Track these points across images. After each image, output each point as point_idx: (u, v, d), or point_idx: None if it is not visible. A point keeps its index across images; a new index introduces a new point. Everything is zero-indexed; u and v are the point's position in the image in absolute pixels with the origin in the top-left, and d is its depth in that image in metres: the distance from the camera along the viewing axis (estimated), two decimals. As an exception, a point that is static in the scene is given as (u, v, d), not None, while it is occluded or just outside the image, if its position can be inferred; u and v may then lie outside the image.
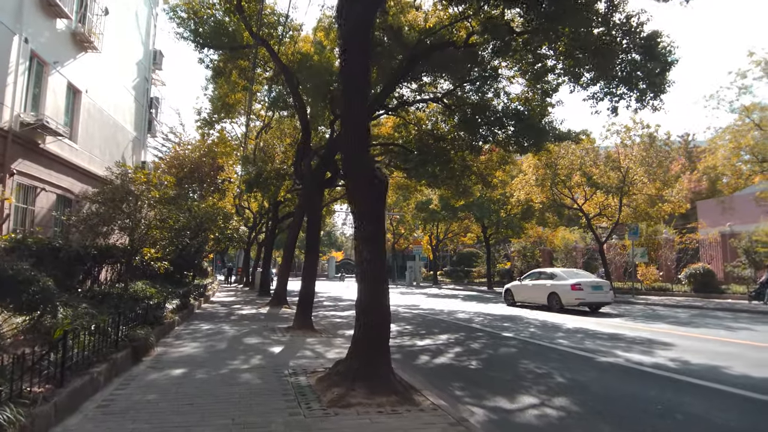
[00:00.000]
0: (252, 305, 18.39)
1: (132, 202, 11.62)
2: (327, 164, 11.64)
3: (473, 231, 44.30)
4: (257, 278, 28.06)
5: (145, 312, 8.67)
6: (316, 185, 11.08)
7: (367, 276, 5.69)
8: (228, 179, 29.74)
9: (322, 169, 11.35)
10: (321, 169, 11.30)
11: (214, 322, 12.33)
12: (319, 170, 11.21)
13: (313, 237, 11.04)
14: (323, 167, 11.44)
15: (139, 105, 19.79)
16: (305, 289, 10.99)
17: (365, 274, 5.70)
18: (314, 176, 11.19)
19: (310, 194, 11.14)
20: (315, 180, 11.13)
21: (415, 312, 17.77)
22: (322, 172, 11.26)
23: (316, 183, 11.10)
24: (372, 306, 5.70)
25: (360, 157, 5.73)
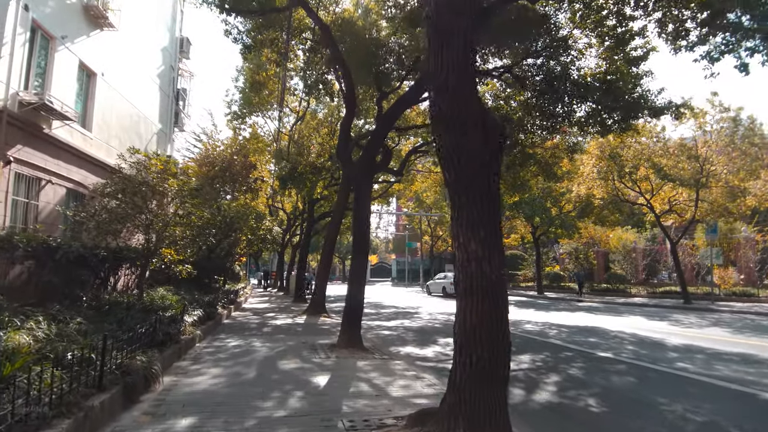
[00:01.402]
0: (287, 313, 16.45)
1: (147, 193, 9.78)
2: (375, 146, 9.53)
3: (519, 231, 41.44)
4: (292, 283, 26.26)
5: (152, 329, 6.69)
6: (365, 169, 8.99)
7: (477, 284, 3.49)
8: (261, 178, 28.14)
9: (371, 151, 9.26)
10: (370, 150, 9.21)
11: (244, 336, 10.35)
12: (368, 152, 9.12)
13: (361, 234, 8.94)
14: (372, 149, 9.34)
15: (164, 95, 18.21)
16: (353, 298, 8.88)
17: (473, 280, 3.51)
18: (363, 158, 9.09)
19: (358, 181, 9.04)
20: (364, 163, 9.04)
21: (472, 322, 15.41)
22: (371, 154, 9.17)
23: (365, 166, 9.01)
24: (486, 334, 3.48)
25: (465, 92, 3.56)
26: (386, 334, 12.48)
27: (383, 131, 9.31)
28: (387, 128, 9.28)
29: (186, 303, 10.28)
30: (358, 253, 8.95)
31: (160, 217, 9.94)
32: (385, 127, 9.31)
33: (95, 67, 12.95)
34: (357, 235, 9.04)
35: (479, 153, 3.54)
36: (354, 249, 9.05)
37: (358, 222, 9.03)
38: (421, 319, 16.49)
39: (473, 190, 3.55)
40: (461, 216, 3.60)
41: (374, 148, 9.31)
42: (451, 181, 3.68)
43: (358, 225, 9.00)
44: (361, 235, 8.98)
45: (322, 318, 15.04)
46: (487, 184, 3.61)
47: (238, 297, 18.79)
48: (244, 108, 21.37)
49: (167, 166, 10.09)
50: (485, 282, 3.47)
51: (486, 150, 3.55)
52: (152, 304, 9.45)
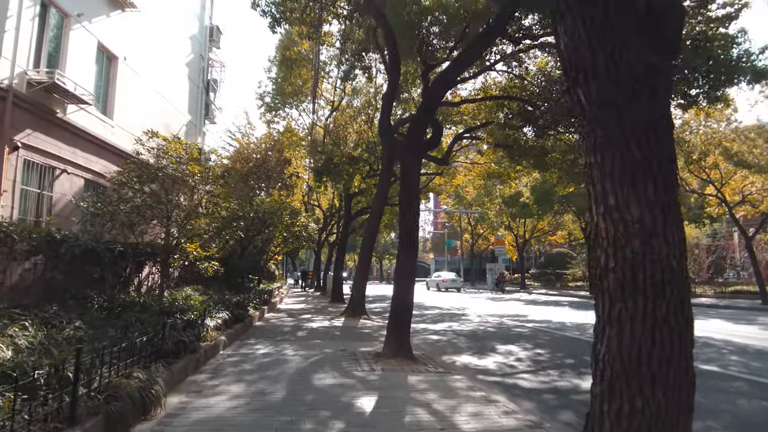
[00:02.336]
0: (324, 315, 15.21)
1: (166, 181, 8.68)
2: (424, 121, 8.07)
3: (567, 228, 39.06)
4: (329, 283, 25.12)
5: (159, 337, 5.48)
6: (412, 146, 7.56)
7: (648, 277, 1.99)
8: (296, 174, 27.17)
9: (419, 125, 7.81)
10: (418, 124, 7.76)
11: (275, 342, 9.11)
12: (416, 126, 7.68)
13: (408, 225, 7.52)
14: (420, 123, 7.89)
15: (193, 85, 17.35)
16: (401, 299, 7.48)
17: (637, 270, 2.01)
18: (411, 134, 7.68)
19: (404, 162, 7.63)
20: (412, 139, 7.61)
21: (529, 326, 13.76)
22: (419, 129, 7.72)
23: (413, 143, 7.59)
24: (664, 364, 1.98)
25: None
26: (435, 339, 11.03)
27: (432, 103, 7.84)
28: (437, 98, 7.81)
29: (211, 304, 9.15)
30: (406, 248, 7.54)
31: (182, 208, 8.81)
32: (434, 97, 7.83)
33: (116, 51, 12.06)
34: (404, 226, 7.63)
35: (647, 49, 2.05)
36: (401, 243, 7.64)
37: (406, 211, 7.62)
38: (471, 321, 14.93)
39: (633, 114, 2.07)
40: (607, 160, 2.13)
41: (422, 122, 7.87)
42: (594, 95, 2.18)
43: (405, 214, 7.59)
44: (409, 227, 7.56)
45: (361, 320, 13.72)
46: (658, 108, 2.12)
47: (272, 297, 17.71)
48: (276, 99, 20.34)
49: (188, 150, 8.97)
50: (661, 272, 1.98)
51: (658, 45, 2.06)
52: (172, 306, 8.34)
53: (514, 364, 8.08)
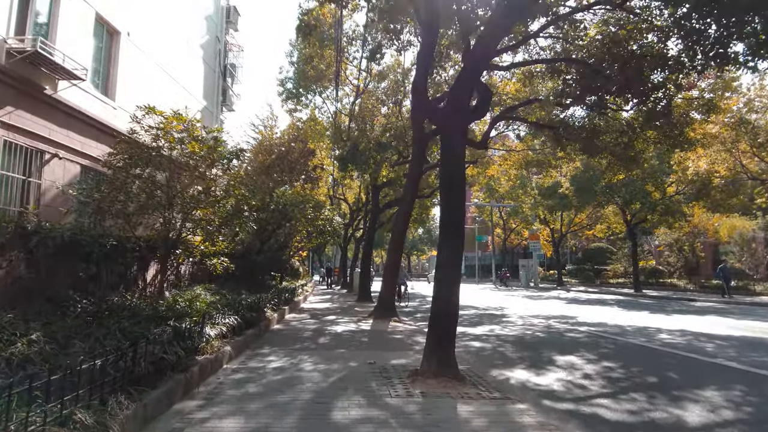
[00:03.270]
0: (350, 316, 13.85)
1: (164, 164, 7.41)
2: (467, 86, 6.50)
3: (608, 221, 36.72)
4: (355, 280, 23.81)
5: (129, 357, 4.14)
6: (455, 116, 6.00)
7: None
8: (320, 165, 25.92)
9: (463, 92, 6.25)
10: (460, 91, 6.21)
11: (292, 352, 7.75)
12: (458, 92, 6.12)
13: (453, 210, 5.99)
14: (463, 89, 6.33)
15: (209, 69, 16.18)
16: (443, 303, 5.99)
17: None
18: (453, 102, 6.15)
19: (446, 136, 6.10)
20: (455, 107, 6.07)
21: (582, 330, 12.07)
22: (462, 95, 6.17)
23: (456, 112, 6.04)
24: None
25: None
26: (478, 346, 9.49)
27: (476, 65, 6.23)
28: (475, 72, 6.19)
29: (219, 307, 7.85)
30: (450, 239, 6.02)
31: (185, 195, 7.53)
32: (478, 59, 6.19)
33: (118, 25, 10.90)
34: (447, 213, 6.12)
35: None
36: (443, 234, 6.13)
37: (449, 193, 6.11)
38: (513, 324, 13.31)
39: None
40: None
41: (466, 83, 6.35)
42: None
43: (449, 199, 6.08)
44: (453, 214, 6.06)
45: (392, 323, 12.29)
46: None
47: (295, 296, 16.46)
48: (299, 84, 19.03)
49: (190, 127, 7.68)
50: None
51: None
52: (170, 310, 7.07)
53: (584, 384, 6.49)
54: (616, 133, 14.64)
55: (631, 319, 14.64)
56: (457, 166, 6.22)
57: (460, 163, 6.25)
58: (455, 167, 6.21)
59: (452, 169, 6.20)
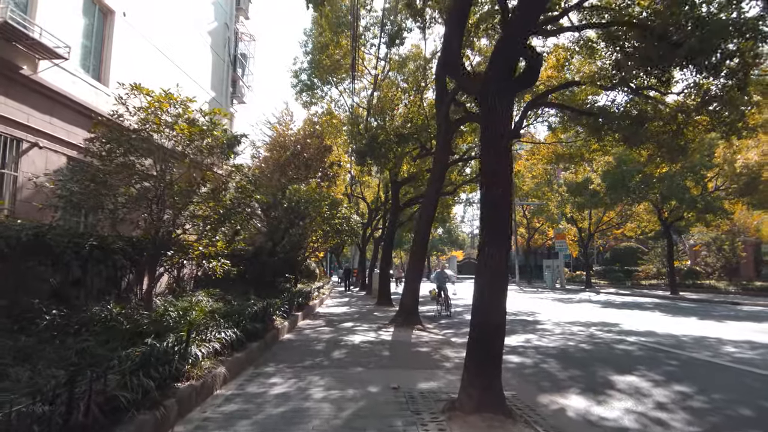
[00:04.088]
0: (369, 322, 12.66)
1: (152, 151, 6.31)
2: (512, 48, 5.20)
3: (640, 219, 34.80)
4: (374, 282, 22.62)
5: (65, 396, 2.99)
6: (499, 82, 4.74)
7: None
8: (337, 162, 24.78)
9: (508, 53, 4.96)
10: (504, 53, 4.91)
11: (300, 372, 6.57)
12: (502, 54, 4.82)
13: (497, 197, 4.74)
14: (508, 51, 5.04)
15: (217, 58, 15.17)
16: (487, 315, 4.73)
17: None
18: (495, 66, 4.87)
19: (490, 112, 4.82)
20: (499, 68, 4.80)
21: (631, 340, 10.66)
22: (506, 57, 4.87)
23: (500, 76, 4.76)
24: None
25: None
26: (517, 362, 8.18)
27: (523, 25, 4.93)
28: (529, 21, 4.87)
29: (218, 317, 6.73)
30: (494, 236, 4.76)
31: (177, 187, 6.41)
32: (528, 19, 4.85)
33: (113, 3, 9.87)
34: (490, 206, 4.85)
35: None
36: (485, 227, 4.85)
37: (491, 178, 4.86)
38: (551, 332, 11.94)
39: None
40: None
41: (511, 50, 5.07)
42: None
43: (492, 189, 4.82)
44: (498, 207, 4.79)
45: (415, 331, 11.05)
46: None
47: (310, 300, 15.34)
48: (313, 75, 17.91)
49: (182, 107, 6.57)
50: None
51: None
52: (155, 323, 5.96)
53: (663, 418, 5.17)
54: (663, 120, 13.17)
55: (680, 326, 13.13)
56: (500, 147, 4.95)
57: (505, 143, 4.98)
58: (499, 148, 4.94)
59: (495, 151, 4.93)
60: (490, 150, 5.03)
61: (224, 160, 7.23)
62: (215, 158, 7.03)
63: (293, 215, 13.73)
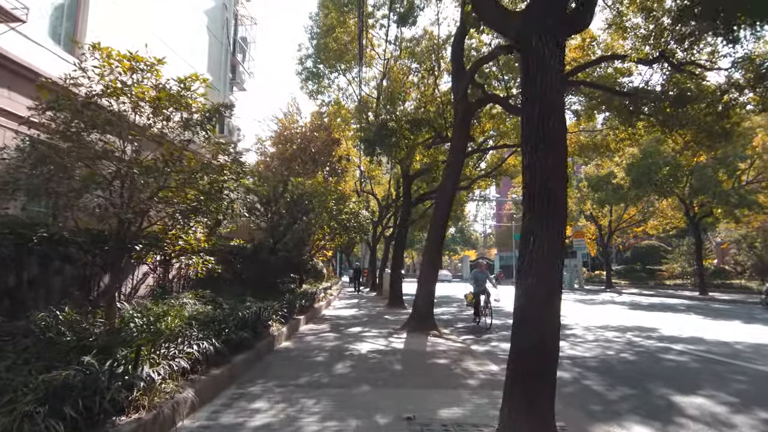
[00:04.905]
0: (379, 327, 11.45)
1: (109, 120, 5.16)
2: None
3: (664, 215, 33.13)
4: (385, 282, 21.39)
5: None
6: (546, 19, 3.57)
7: None
8: (346, 156, 23.62)
9: None
10: None
11: (293, 393, 5.36)
12: None
13: (549, 174, 3.50)
14: None
15: (215, 40, 14.07)
16: (536, 327, 3.48)
17: None
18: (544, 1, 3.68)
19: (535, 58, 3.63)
20: (547, 7, 3.62)
21: (677, 349, 9.31)
22: None
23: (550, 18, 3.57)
24: None
25: None
26: (574, 389, 6.87)
27: None
28: None
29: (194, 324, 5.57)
30: (545, 217, 3.52)
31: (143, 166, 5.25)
32: None
33: (89, -32, 8.77)
34: (540, 183, 3.57)
35: None
36: (530, 208, 3.61)
37: (541, 149, 3.61)
38: (583, 339, 10.62)
39: None
40: None
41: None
42: None
43: (540, 160, 3.57)
44: (550, 184, 3.53)
45: (430, 338, 9.81)
46: None
47: (315, 302, 14.17)
48: (319, 60, 16.74)
49: (150, 70, 5.40)
50: None
51: None
52: (111, 333, 4.80)
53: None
54: (707, 100, 11.80)
55: (727, 331, 11.75)
56: (550, 101, 3.70)
57: (555, 96, 3.73)
58: (548, 102, 3.69)
59: (544, 107, 3.68)
60: (535, 106, 3.77)
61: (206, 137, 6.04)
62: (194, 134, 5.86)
63: (296, 210, 12.56)
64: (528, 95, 3.86)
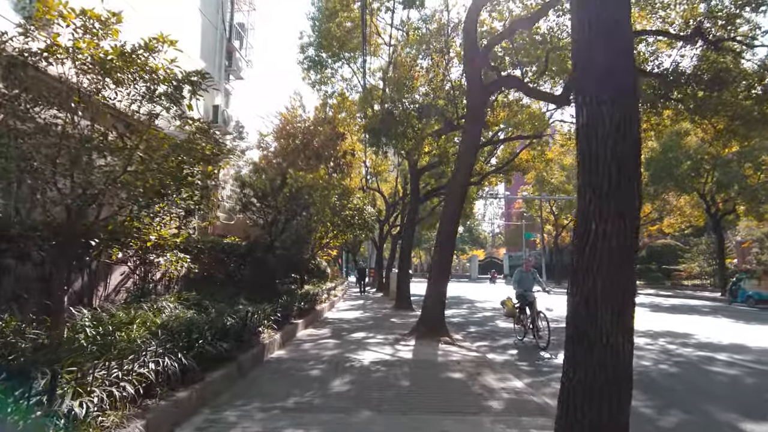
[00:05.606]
0: (385, 332, 10.43)
1: (56, 91, 4.20)
2: None
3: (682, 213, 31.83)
4: (392, 282, 20.37)
5: None
6: None
7: None
8: (351, 151, 22.61)
9: None
10: None
11: (276, 422, 4.37)
12: None
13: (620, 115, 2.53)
14: None
15: (209, 25, 13.14)
16: (598, 346, 2.46)
17: None
18: None
19: None
20: None
21: (722, 359, 8.24)
22: None
23: None
24: None
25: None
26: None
27: None
28: None
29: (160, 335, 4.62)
30: (611, 198, 2.52)
31: (94, 144, 4.29)
32: None
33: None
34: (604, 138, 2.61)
35: None
36: (587, 184, 2.62)
37: (611, 108, 2.62)
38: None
39: None
40: None
41: None
42: None
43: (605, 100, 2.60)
44: (623, 139, 2.56)
45: (442, 345, 8.78)
46: None
47: (317, 303, 13.19)
48: (321, 47, 15.77)
49: (103, 30, 4.44)
50: None
51: None
52: (38, 350, 3.84)
53: None
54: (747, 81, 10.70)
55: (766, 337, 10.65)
56: (621, 38, 2.69)
57: (622, 27, 2.72)
58: (619, 39, 2.68)
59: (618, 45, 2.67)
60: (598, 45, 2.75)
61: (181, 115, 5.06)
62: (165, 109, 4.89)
63: (294, 204, 11.58)
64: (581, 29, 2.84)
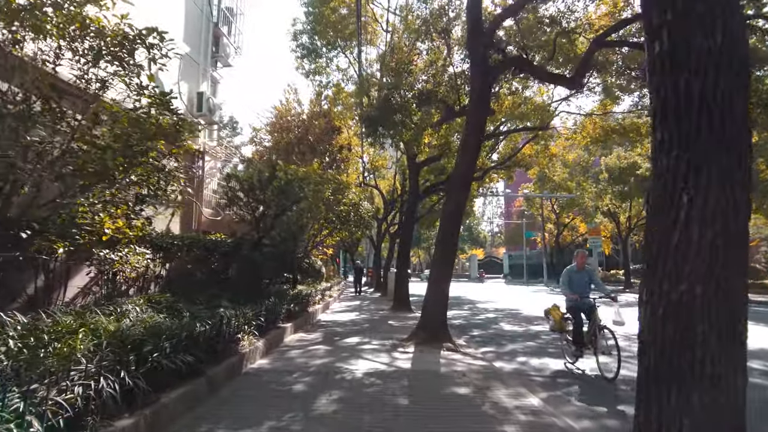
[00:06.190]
0: (382, 337, 9.55)
1: None
2: None
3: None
4: (390, 282, 19.48)
5: None
6: None
7: None
8: (347, 146, 21.75)
9: None
10: None
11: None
12: None
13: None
14: None
15: (193, 7, 12.27)
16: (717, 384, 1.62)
17: None
18: None
19: None
20: None
21: None
22: None
23: None
24: None
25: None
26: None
27: None
28: None
29: (104, 351, 3.75)
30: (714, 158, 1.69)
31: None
32: None
33: None
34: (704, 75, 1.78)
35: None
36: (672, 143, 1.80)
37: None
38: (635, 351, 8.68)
39: None
40: None
41: None
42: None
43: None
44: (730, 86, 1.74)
45: (444, 352, 7.91)
46: None
47: (309, 305, 12.34)
48: (315, 32, 14.90)
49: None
50: None
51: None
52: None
53: None
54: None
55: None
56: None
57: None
58: None
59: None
60: None
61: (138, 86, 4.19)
62: (114, 75, 4.02)
63: (284, 198, 10.71)
64: None
